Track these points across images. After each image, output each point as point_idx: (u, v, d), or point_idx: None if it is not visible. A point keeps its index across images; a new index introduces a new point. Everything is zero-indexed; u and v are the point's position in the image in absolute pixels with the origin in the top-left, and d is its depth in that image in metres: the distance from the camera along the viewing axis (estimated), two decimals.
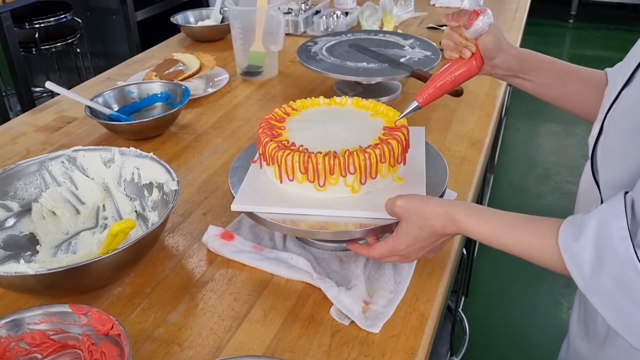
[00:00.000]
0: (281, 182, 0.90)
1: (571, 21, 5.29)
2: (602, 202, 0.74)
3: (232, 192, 0.92)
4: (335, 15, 1.96)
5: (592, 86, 0.88)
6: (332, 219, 0.85)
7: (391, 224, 0.83)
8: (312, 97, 1.05)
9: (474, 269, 2.21)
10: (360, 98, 1.03)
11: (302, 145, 0.89)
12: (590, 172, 0.75)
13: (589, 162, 0.79)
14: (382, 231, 0.84)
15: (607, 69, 0.88)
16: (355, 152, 0.85)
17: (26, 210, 0.99)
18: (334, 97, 1.04)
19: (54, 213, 1.01)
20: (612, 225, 0.61)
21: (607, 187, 0.71)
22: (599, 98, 0.82)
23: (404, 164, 0.93)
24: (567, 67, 0.94)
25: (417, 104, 0.92)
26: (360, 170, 0.85)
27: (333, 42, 1.58)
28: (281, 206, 0.87)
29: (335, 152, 0.86)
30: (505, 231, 0.72)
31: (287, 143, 0.90)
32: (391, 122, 0.95)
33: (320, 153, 0.86)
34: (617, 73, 0.78)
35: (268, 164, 0.91)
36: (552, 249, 0.67)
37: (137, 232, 0.95)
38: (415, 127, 1.03)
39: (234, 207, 0.89)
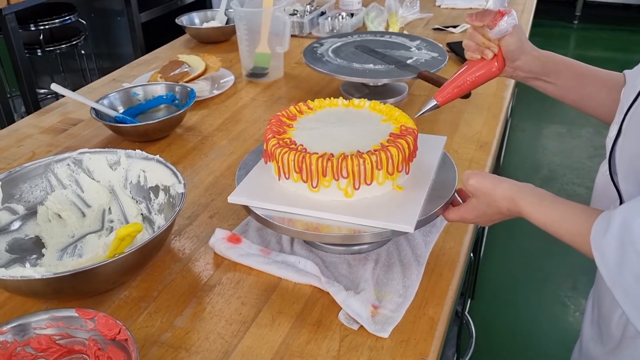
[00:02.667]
0: (279, 179, 0.90)
1: (576, 22, 5.27)
2: (621, 203, 0.73)
3: (236, 183, 0.92)
4: (340, 17, 1.96)
5: (613, 89, 0.88)
6: (324, 222, 0.85)
7: (387, 231, 0.82)
8: (332, 98, 1.04)
9: (480, 271, 2.20)
10: (377, 102, 1.01)
11: (301, 145, 0.89)
12: (608, 174, 0.74)
13: (604, 163, 0.79)
14: (381, 237, 0.83)
15: (626, 71, 0.87)
16: (350, 157, 0.84)
17: (32, 213, 0.98)
18: (353, 99, 1.03)
19: (59, 216, 1.00)
20: (635, 221, 0.61)
21: (628, 188, 0.70)
22: (619, 101, 0.81)
23: (407, 173, 0.90)
24: (588, 69, 0.93)
25: (435, 102, 0.92)
26: (353, 175, 0.84)
27: (339, 44, 1.57)
28: (275, 203, 0.87)
29: (332, 155, 0.85)
30: (559, 220, 0.72)
31: (289, 141, 0.90)
32: (399, 129, 0.93)
33: (316, 154, 0.85)
34: (636, 74, 0.77)
35: (270, 160, 0.91)
36: None
37: (144, 236, 0.94)
38: (437, 135, 1.01)
39: (230, 199, 0.90)
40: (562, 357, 1.02)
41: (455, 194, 0.89)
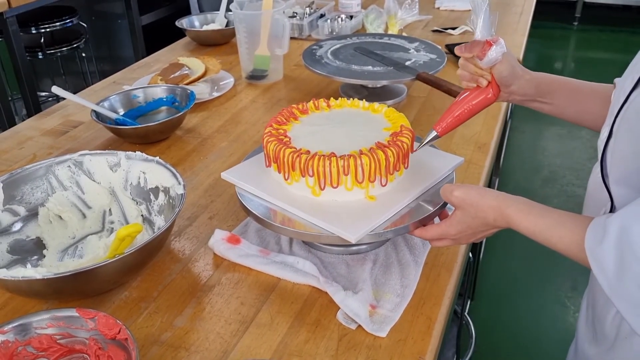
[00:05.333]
0: (266, 166, 0.94)
1: (576, 24, 5.28)
2: (612, 205, 0.73)
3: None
4: (339, 19, 1.97)
5: (608, 101, 0.88)
6: (296, 218, 0.86)
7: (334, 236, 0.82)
8: (355, 99, 1.05)
9: (480, 272, 2.20)
10: (393, 109, 1.00)
11: (288, 138, 0.92)
12: (600, 175, 0.74)
13: (596, 165, 0.79)
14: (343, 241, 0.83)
15: (616, 79, 0.88)
16: (318, 157, 0.85)
17: (33, 214, 0.99)
18: (374, 102, 1.03)
19: (60, 217, 1.01)
20: (633, 228, 0.61)
21: (619, 190, 0.71)
22: None
23: (383, 184, 0.89)
24: (581, 85, 0.94)
25: (435, 133, 0.93)
26: (318, 175, 0.85)
27: (338, 46, 1.58)
28: (256, 188, 0.91)
29: (307, 152, 0.87)
30: (550, 228, 0.71)
31: (282, 132, 0.93)
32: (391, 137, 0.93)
33: (292, 149, 0.88)
34: (625, 77, 0.77)
35: (264, 148, 0.94)
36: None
37: (144, 236, 0.95)
38: (454, 155, 1.00)
39: (223, 175, 0.96)
40: (562, 357, 1.02)
41: (438, 217, 0.88)
